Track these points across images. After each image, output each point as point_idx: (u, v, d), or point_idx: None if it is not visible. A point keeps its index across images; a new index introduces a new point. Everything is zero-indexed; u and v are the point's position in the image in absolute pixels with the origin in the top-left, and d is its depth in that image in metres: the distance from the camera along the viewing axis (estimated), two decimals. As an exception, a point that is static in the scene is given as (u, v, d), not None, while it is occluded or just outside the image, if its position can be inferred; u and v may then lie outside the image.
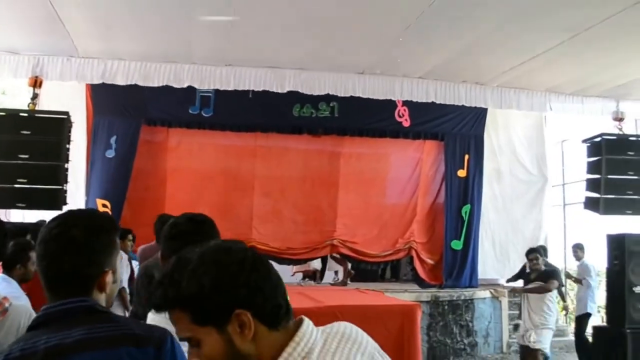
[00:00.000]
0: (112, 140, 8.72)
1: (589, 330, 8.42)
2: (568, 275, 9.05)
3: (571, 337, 9.07)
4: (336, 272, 11.17)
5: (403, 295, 8.62)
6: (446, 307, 9.03)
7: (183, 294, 1.13)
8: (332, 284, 9.89)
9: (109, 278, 1.51)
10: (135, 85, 7.11)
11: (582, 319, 8.45)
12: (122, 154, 8.73)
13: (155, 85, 7.06)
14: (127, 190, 8.72)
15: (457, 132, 9.95)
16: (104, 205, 8.45)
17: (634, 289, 7.21)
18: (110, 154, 8.72)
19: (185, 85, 7.13)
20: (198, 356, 1.15)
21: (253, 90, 7.71)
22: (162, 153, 9.29)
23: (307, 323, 1.23)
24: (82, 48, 6.60)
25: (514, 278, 8.67)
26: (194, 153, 9.40)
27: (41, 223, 6.95)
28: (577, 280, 8.39)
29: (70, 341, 1.38)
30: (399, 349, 6.23)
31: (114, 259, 1.54)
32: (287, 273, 10.49)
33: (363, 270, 10.86)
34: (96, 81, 7.10)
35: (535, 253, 7.26)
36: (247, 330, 1.13)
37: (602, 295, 10.24)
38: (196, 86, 7.31)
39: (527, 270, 7.61)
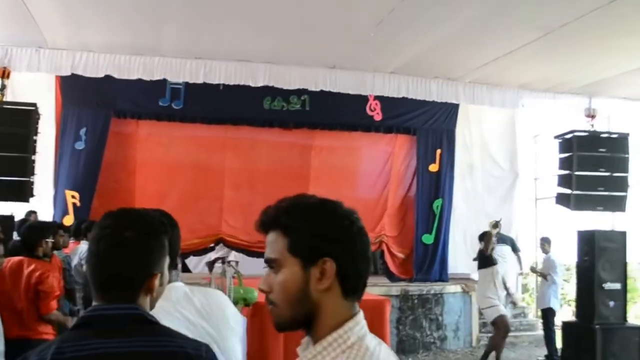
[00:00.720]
0: (82, 132, 8.61)
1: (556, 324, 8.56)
2: (533, 270, 9.11)
3: (540, 332, 9.13)
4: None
5: (373, 289, 8.58)
6: (416, 301, 9.04)
7: (292, 222, 1.21)
8: None
9: (157, 281, 1.50)
10: (105, 77, 7.01)
11: (546, 313, 8.52)
12: (91, 146, 8.62)
13: (126, 77, 6.96)
14: (96, 182, 8.62)
15: (429, 127, 9.93)
16: (73, 197, 8.40)
17: (603, 285, 7.28)
18: (80, 145, 8.60)
19: (155, 78, 7.03)
20: (271, 279, 1.21)
21: (224, 83, 7.65)
22: (132, 145, 9.15)
23: (361, 312, 1.25)
24: (50, 39, 6.50)
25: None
26: (164, 145, 9.27)
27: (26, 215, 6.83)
28: (542, 275, 8.44)
29: (121, 351, 1.37)
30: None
31: (163, 261, 1.53)
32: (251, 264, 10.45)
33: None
34: (65, 73, 7.01)
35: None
36: (325, 279, 1.17)
37: (571, 289, 10.41)
38: (166, 79, 7.20)
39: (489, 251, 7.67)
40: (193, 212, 8.99)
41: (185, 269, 9.77)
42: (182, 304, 1.77)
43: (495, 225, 7.66)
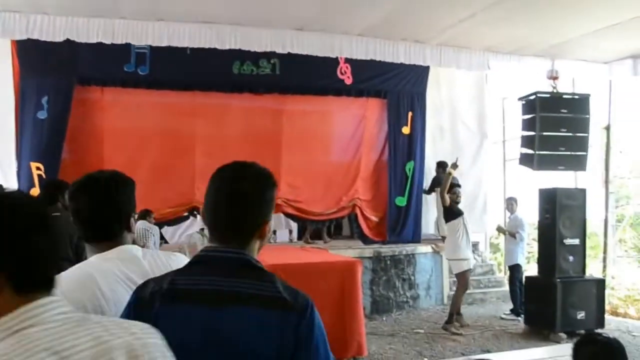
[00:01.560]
0: (44, 100, 8.32)
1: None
2: (500, 229, 9.31)
3: (507, 288, 9.44)
4: (290, 231, 11.26)
5: (346, 252, 8.76)
6: (389, 262, 9.23)
7: None
8: None
9: (268, 227, 1.64)
10: (66, 42, 6.83)
11: (512, 270, 8.81)
12: (55, 115, 8.36)
13: (84, 41, 6.79)
14: (61, 152, 8.40)
15: (400, 90, 9.99)
16: (38, 168, 8.14)
17: (564, 241, 7.54)
18: (42, 115, 8.32)
19: (116, 42, 6.88)
20: None
21: (190, 48, 7.57)
22: (97, 113, 8.91)
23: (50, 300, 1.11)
24: (2, 1, 6.29)
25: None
26: (131, 113, 9.05)
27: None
28: (511, 234, 8.68)
29: (229, 290, 1.50)
30: (340, 304, 6.39)
31: (272, 210, 1.65)
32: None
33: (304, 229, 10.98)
34: (19, 36, 6.79)
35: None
36: None
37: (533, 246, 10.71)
38: (128, 42, 7.06)
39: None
40: (165, 181, 8.89)
41: (162, 240, 9.69)
42: (127, 264, 1.78)
43: (454, 166, 7.68)
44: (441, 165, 9.81)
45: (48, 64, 8.21)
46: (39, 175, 8.03)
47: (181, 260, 1.85)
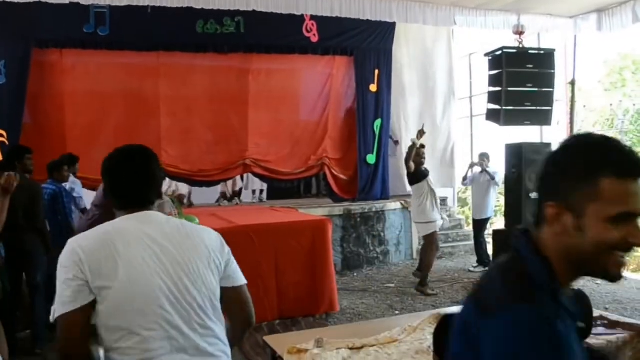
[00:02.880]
0: (0, 65, 8.09)
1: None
2: (474, 165, 9.23)
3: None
4: (254, 192, 11.25)
5: (316, 210, 8.81)
6: (359, 219, 9.33)
7: None
8: None
9: None
10: (21, 4, 6.62)
11: (484, 223, 8.97)
12: (13, 80, 8.12)
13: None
14: (22, 118, 8.20)
15: (366, 47, 9.91)
16: (1, 135, 7.94)
17: (530, 195, 7.68)
18: (0, 80, 8.10)
19: (71, 0, 6.65)
20: None
21: (151, 7, 7.37)
22: (57, 76, 8.65)
23: None
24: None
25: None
26: (92, 75, 8.81)
27: None
28: (488, 173, 8.71)
29: None
30: (312, 262, 6.47)
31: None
32: (206, 194, 10.51)
33: (277, 188, 10.99)
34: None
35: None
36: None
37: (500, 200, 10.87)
38: (88, 4, 6.85)
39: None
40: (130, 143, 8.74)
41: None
42: (147, 225, 1.89)
43: (421, 133, 7.71)
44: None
45: (3, 27, 7.91)
46: (2, 142, 7.77)
47: (212, 234, 2.04)
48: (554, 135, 9.68)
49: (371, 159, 10.04)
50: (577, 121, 10.44)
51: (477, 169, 9.07)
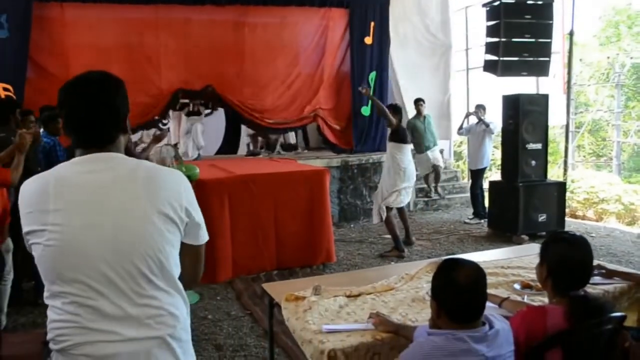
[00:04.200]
0: (2, 19, 8.02)
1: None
2: (470, 114, 9.30)
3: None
4: (248, 145, 11.28)
5: (315, 161, 8.87)
6: (355, 170, 9.40)
7: None
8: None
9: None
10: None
11: (480, 173, 9.05)
12: (15, 34, 8.08)
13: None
14: (26, 72, 8.19)
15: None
16: (6, 89, 7.87)
17: (526, 146, 7.74)
18: (3, 34, 8.04)
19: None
20: None
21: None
22: (58, 30, 8.60)
23: None
24: None
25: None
26: (94, 29, 8.74)
27: None
28: (485, 123, 8.72)
29: None
30: (309, 213, 6.56)
31: None
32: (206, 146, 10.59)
33: (276, 141, 11.02)
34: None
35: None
36: None
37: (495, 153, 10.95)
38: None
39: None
40: (130, 96, 8.71)
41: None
42: (97, 170, 1.66)
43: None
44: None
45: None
46: (8, 96, 7.72)
47: (176, 181, 1.71)
48: (550, 87, 9.67)
49: (365, 110, 10.04)
50: (574, 74, 10.41)
51: (473, 120, 9.11)
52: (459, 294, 2.02)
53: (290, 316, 2.83)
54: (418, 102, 9.37)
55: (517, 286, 3.18)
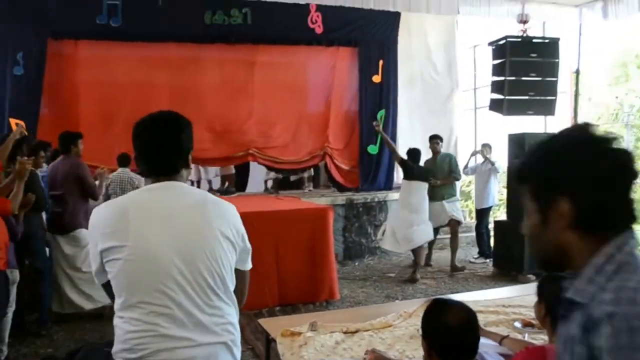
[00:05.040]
0: (19, 56, 8.21)
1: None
2: (478, 153, 9.22)
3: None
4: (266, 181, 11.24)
5: (320, 200, 8.86)
6: (361, 209, 9.37)
7: None
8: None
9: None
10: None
11: (486, 212, 8.97)
12: (31, 71, 8.26)
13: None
14: (39, 108, 8.35)
15: (370, 38, 9.92)
16: (18, 125, 7.98)
17: (531, 185, 7.66)
18: (19, 71, 8.22)
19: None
20: None
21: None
22: (72, 66, 8.79)
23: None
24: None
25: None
26: (105, 66, 8.95)
27: None
28: (490, 161, 8.67)
29: None
30: (312, 250, 6.52)
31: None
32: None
33: (284, 179, 11.03)
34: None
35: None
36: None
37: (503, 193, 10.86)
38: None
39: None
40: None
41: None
42: (168, 196, 1.95)
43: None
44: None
45: (22, 18, 8.09)
46: (23, 134, 7.79)
47: (234, 211, 1.99)
48: (558, 126, 9.65)
49: (373, 149, 10.05)
50: (581, 113, 10.39)
51: (480, 159, 9.09)
52: (449, 335, 2.00)
53: (285, 351, 2.80)
54: (431, 141, 8.57)
55: (518, 324, 3.14)
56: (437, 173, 8.27)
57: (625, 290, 1.04)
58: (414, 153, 7.80)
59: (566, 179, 1.13)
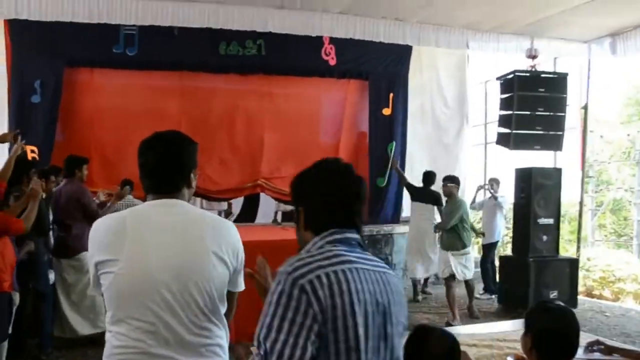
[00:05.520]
0: (36, 84, 8.33)
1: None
2: (479, 187, 9.40)
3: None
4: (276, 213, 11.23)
5: (325, 232, 8.79)
6: (366, 241, 9.25)
7: None
8: None
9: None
10: (55, 24, 6.93)
11: (491, 247, 8.90)
12: (48, 99, 8.37)
13: (69, 20, 6.87)
14: (54, 135, 8.46)
15: (381, 71, 9.98)
16: (33, 151, 8.06)
17: (538, 220, 7.64)
18: (36, 99, 8.33)
19: (100, 21, 6.98)
20: None
21: (178, 28, 7.79)
22: (87, 95, 8.92)
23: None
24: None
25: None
26: (120, 94, 9.06)
27: None
28: (494, 196, 8.71)
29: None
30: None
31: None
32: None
33: (291, 212, 10.97)
34: (7, 16, 6.84)
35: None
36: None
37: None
38: (112, 21, 7.15)
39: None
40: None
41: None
42: (167, 213, 1.95)
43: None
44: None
45: (38, 46, 8.22)
46: (33, 158, 7.84)
47: (234, 231, 1.99)
48: (567, 162, 9.62)
49: (381, 182, 10.02)
50: (593, 151, 10.35)
51: (486, 194, 9.08)
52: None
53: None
54: (443, 183, 7.63)
55: (510, 359, 3.09)
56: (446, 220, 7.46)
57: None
58: (426, 175, 8.25)
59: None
